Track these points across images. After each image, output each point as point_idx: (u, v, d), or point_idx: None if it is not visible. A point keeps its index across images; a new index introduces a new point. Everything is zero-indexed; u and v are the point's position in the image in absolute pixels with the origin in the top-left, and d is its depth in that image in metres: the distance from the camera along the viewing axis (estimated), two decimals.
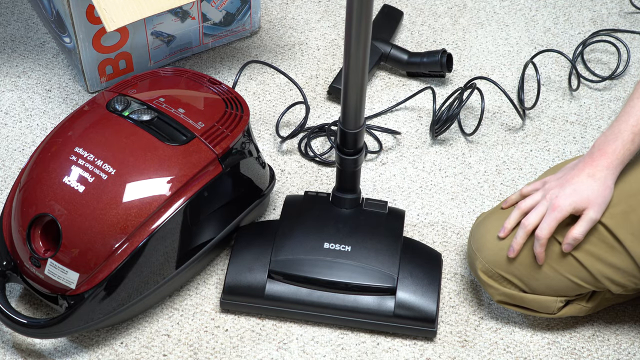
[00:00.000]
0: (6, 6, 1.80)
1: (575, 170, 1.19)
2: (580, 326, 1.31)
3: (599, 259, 1.18)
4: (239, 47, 1.75)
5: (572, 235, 1.17)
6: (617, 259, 1.18)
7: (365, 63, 1.15)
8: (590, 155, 1.19)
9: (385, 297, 1.27)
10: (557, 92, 1.67)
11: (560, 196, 1.17)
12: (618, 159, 1.17)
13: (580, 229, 1.16)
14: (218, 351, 1.27)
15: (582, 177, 1.17)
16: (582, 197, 1.16)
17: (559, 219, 1.17)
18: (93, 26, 1.54)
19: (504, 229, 1.22)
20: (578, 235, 1.17)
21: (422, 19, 1.83)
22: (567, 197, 1.17)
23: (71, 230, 1.19)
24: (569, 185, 1.18)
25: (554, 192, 1.19)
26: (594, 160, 1.18)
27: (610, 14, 1.84)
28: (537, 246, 1.19)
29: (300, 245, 1.29)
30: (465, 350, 1.28)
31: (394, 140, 1.58)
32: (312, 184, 1.50)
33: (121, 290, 1.21)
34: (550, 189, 1.20)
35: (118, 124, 1.26)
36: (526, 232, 1.19)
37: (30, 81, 1.66)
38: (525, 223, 1.19)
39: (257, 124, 1.60)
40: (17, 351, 1.26)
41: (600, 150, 1.18)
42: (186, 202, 1.22)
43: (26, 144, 1.55)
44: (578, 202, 1.16)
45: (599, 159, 1.17)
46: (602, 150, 1.17)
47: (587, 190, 1.16)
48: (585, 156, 1.20)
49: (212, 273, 1.36)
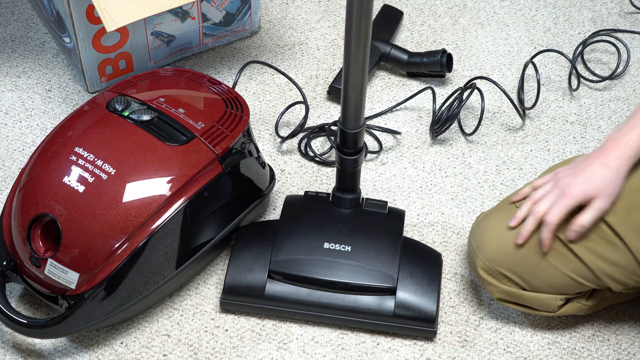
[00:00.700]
0: (6, 6, 1.80)
1: (588, 160, 1.18)
2: (580, 326, 1.31)
3: (600, 256, 1.18)
4: (239, 47, 1.75)
5: (578, 222, 1.16)
6: (618, 256, 1.18)
7: (365, 63, 1.15)
8: (603, 145, 1.18)
9: (385, 297, 1.27)
10: (557, 92, 1.67)
11: (571, 184, 1.17)
12: (632, 149, 1.16)
13: (588, 217, 1.16)
14: (218, 351, 1.27)
15: (594, 167, 1.17)
16: (593, 185, 1.15)
17: (569, 206, 1.16)
18: (93, 26, 1.54)
19: (515, 218, 1.21)
20: (585, 223, 1.16)
21: (422, 19, 1.83)
22: (578, 184, 1.16)
23: (71, 230, 1.19)
24: (581, 174, 1.17)
25: (565, 180, 1.18)
26: (607, 150, 1.17)
27: (610, 14, 1.84)
28: (544, 232, 1.18)
29: (300, 245, 1.29)
30: (465, 350, 1.28)
31: (394, 140, 1.58)
32: (312, 184, 1.50)
33: (121, 290, 1.21)
34: (561, 178, 1.19)
35: (118, 124, 1.26)
36: (536, 219, 1.18)
37: (30, 81, 1.66)
38: (536, 210, 1.19)
39: (257, 124, 1.60)
40: (17, 351, 1.26)
41: (614, 141, 1.17)
42: (186, 202, 1.22)
43: (26, 144, 1.55)
44: (589, 190, 1.15)
45: (612, 149, 1.17)
46: (616, 141, 1.17)
47: (598, 179, 1.16)
48: (598, 147, 1.19)
49: (212, 273, 1.37)
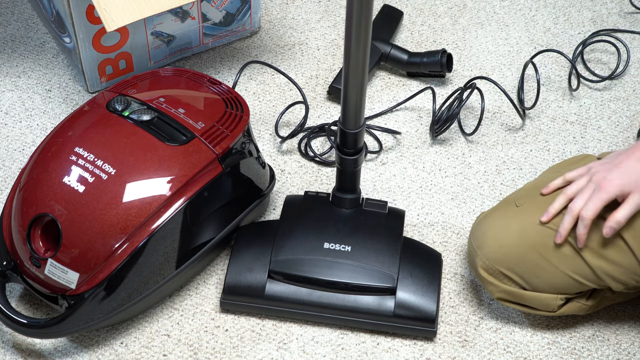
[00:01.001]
0: (6, 6, 1.80)
1: (624, 155, 1.18)
2: (580, 326, 1.31)
3: (601, 256, 1.18)
4: (239, 47, 1.75)
5: (615, 219, 1.15)
6: (619, 255, 1.18)
7: (365, 63, 1.15)
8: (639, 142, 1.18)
9: (385, 297, 1.27)
10: (557, 92, 1.67)
11: (607, 178, 1.16)
12: None
13: (625, 212, 1.15)
14: (218, 351, 1.27)
15: (630, 161, 1.16)
16: (630, 180, 1.15)
17: (605, 200, 1.16)
18: (93, 26, 1.54)
19: (548, 213, 1.20)
20: (621, 219, 1.15)
21: (422, 19, 1.83)
22: (615, 179, 1.15)
23: (71, 230, 1.19)
24: (617, 168, 1.16)
25: (600, 174, 1.17)
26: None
27: (610, 14, 1.84)
28: (580, 227, 1.17)
29: (300, 245, 1.29)
30: (465, 350, 1.28)
31: (394, 140, 1.58)
32: (312, 184, 1.50)
33: (121, 290, 1.21)
34: (596, 172, 1.19)
35: (118, 124, 1.26)
36: (573, 217, 1.18)
37: (30, 81, 1.66)
38: (572, 207, 1.18)
39: (257, 124, 1.60)
40: (17, 351, 1.26)
41: None
42: (186, 202, 1.22)
43: (26, 144, 1.55)
44: (625, 184, 1.15)
45: None
46: None
47: (635, 173, 1.15)
48: (634, 144, 1.19)
49: (212, 273, 1.37)
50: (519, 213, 1.24)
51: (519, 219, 1.23)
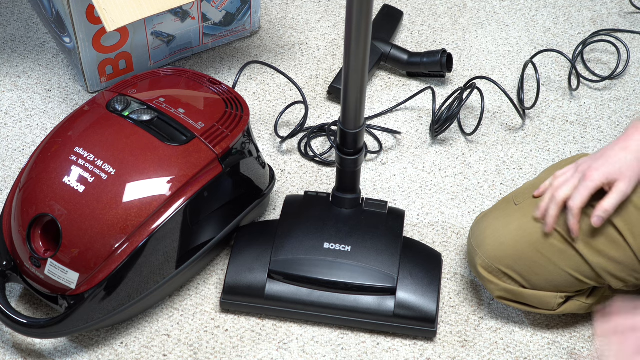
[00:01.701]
0: (6, 6, 1.80)
1: (609, 146, 1.18)
2: (580, 326, 1.31)
3: (600, 253, 1.18)
4: (239, 47, 1.75)
5: (602, 207, 1.15)
6: (619, 252, 1.18)
7: (365, 63, 1.15)
8: (624, 132, 1.18)
9: (385, 297, 1.27)
10: (557, 92, 1.67)
11: (592, 167, 1.16)
12: None
13: (611, 201, 1.15)
14: (218, 351, 1.27)
15: (615, 150, 1.16)
16: (614, 168, 1.15)
17: (591, 189, 1.16)
18: (93, 26, 1.54)
19: (539, 208, 1.20)
20: (609, 207, 1.15)
21: (422, 19, 1.83)
22: (600, 167, 1.16)
23: (71, 230, 1.19)
24: (602, 157, 1.17)
25: (585, 164, 1.18)
26: (628, 135, 1.17)
27: (610, 14, 1.84)
28: (570, 218, 1.17)
29: (300, 245, 1.29)
30: (465, 350, 1.28)
31: (394, 140, 1.58)
32: (312, 184, 1.50)
33: (121, 290, 1.21)
34: (581, 164, 1.19)
35: (118, 124, 1.26)
36: (557, 205, 1.18)
37: (30, 81, 1.66)
38: (556, 195, 1.18)
39: (257, 124, 1.60)
40: (17, 351, 1.26)
41: (635, 127, 1.17)
42: (186, 202, 1.22)
43: (26, 144, 1.55)
44: (611, 172, 1.15)
45: (632, 134, 1.17)
46: (637, 127, 1.17)
47: (619, 162, 1.15)
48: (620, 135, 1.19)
49: (212, 273, 1.37)
50: (517, 211, 1.24)
51: (518, 217, 1.23)
